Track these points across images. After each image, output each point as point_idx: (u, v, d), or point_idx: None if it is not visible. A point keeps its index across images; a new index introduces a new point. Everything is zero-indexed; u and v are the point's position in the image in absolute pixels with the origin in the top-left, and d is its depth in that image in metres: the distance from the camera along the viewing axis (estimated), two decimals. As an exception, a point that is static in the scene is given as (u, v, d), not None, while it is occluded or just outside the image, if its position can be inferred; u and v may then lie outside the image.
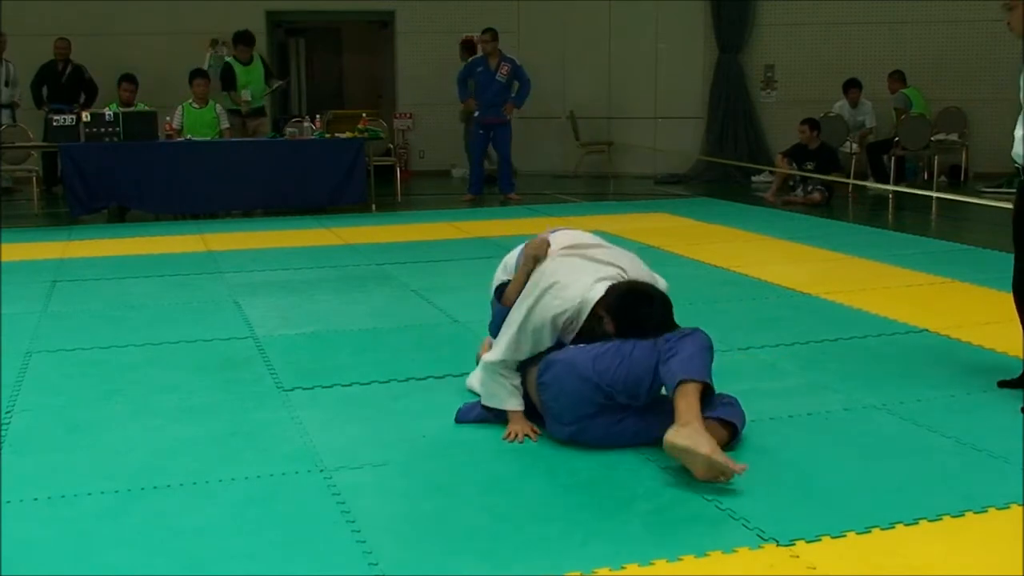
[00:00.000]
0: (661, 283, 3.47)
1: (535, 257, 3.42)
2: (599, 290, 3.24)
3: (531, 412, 3.35)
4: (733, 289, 5.72)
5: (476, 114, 10.52)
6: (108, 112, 9.32)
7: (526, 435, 3.28)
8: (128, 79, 10.59)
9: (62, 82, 11.06)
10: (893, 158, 10.97)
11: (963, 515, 2.69)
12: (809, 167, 9.83)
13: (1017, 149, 3.69)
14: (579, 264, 3.38)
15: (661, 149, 12.80)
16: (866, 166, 11.46)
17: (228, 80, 10.16)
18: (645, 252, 6.93)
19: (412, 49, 13.06)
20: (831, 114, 11.40)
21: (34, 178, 10.51)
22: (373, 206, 9.84)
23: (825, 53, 12.24)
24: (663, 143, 12.86)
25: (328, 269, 6.55)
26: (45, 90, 11.05)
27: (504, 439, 3.29)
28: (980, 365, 4.13)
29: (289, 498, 2.87)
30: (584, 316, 3.25)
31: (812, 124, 9.97)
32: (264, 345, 4.55)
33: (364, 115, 10.75)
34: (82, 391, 3.93)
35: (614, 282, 3.28)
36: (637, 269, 3.46)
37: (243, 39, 10.21)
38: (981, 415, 3.51)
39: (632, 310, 3.19)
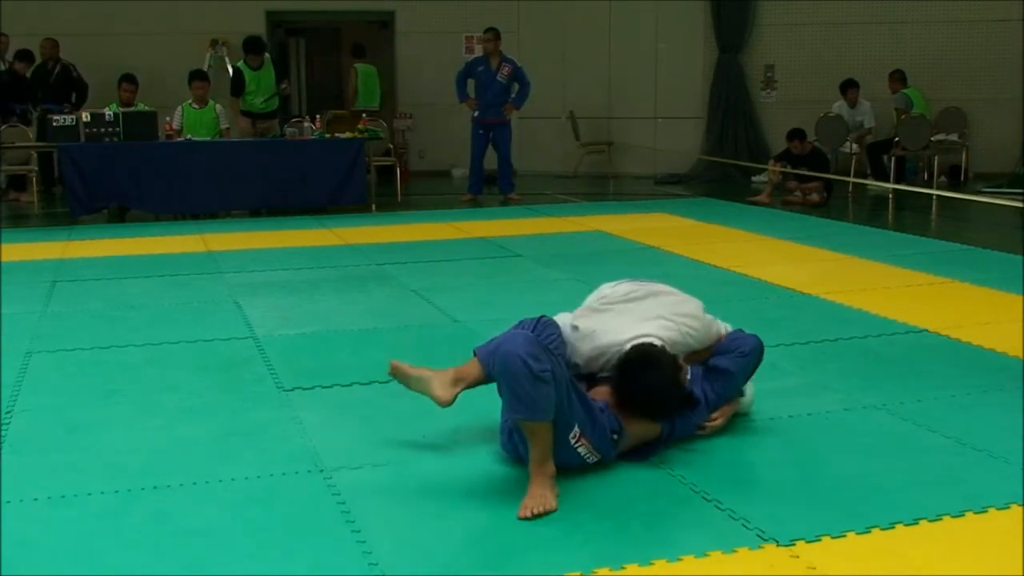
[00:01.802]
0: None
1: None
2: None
3: None
4: (733, 289, 5.71)
5: (476, 114, 10.52)
6: (108, 112, 9.32)
7: None
8: (128, 79, 10.57)
9: (51, 82, 11.04)
10: (893, 158, 10.97)
11: (963, 515, 2.69)
12: (803, 171, 9.83)
13: None
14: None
15: (661, 149, 12.80)
16: (866, 166, 11.46)
17: (237, 86, 10.08)
18: (645, 252, 6.96)
19: (412, 49, 13.06)
20: (831, 114, 11.40)
21: (34, 178, 10.51)
22: (373, 206, 9.84)
23: (825, 53, 12.24)
24: (663, 143, 12.86)
25: (328, 269, 6.55)
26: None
27: None
28: (980, 365, 4.13)
29: (289, 498, 2.87)
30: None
31: (799, 135, 9.94)
32: (264, 345, 4.55)
33: (364, 115, 10.75)
34: (82, 391, 3.93)
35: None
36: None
37: (253, 48, 10.04)
38: (981, 415, 3.51)
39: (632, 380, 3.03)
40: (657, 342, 3.14)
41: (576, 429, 2.88)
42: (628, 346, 3.12)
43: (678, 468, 3.03)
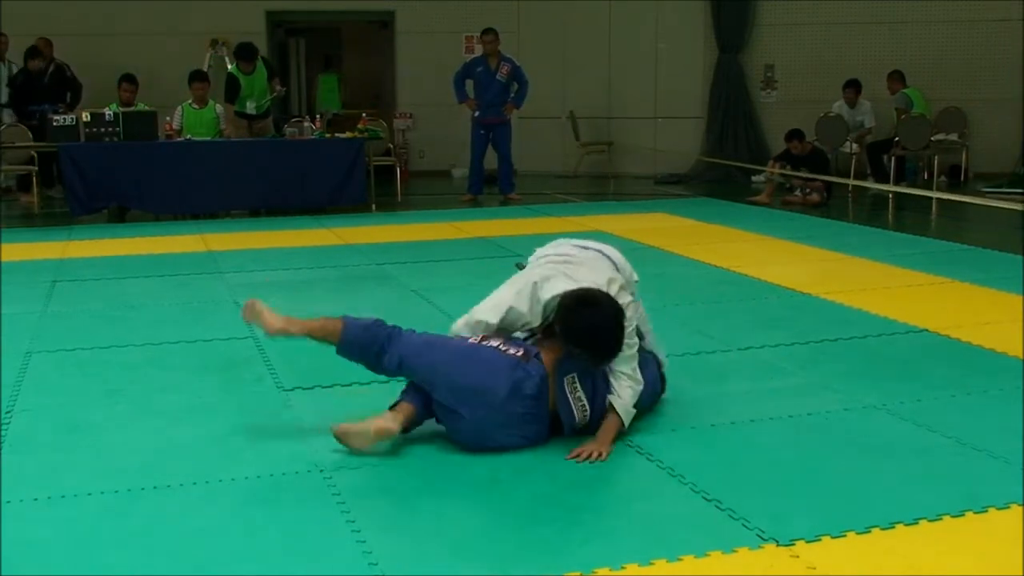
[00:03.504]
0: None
1: None
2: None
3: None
4: (733, 289, 5.71)
5: (476, 114, 10.52)
6: (108, 112, 9.32)
7: None
8: (128, 79, 10.57)
9: (44, 82, 11.03)
10: (893, 158, 10.97)
11: (963, 515, 2.69)
12: (803, 171, 9.82)
13: None
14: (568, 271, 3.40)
15: (661, 149, 12.80)
16: (866, 166, 11.46)
17: (232, 91, 10.05)
18: (645, 252, 6.95)
19: (412, 49, 13.06)
20: (831, 114, 11.40)
21: (34, 178, 10.50)
22: (373, 206, 9.84)
23: (825, 53, 12.24)
24: (663, 143, 12.86)
25: (328, 269, 6.55)
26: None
27: None
28: (980, 365, 4.13)
29: (289, 498, 2.87)
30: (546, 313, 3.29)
31: (797, 136, 9.90)
32: (264, 345, 4.54)
33: (364, 115, 10.76)
34: (82, 391, 3.93)
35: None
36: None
37: (245, 55, 10.01)
38: (981, 415, 3.51)
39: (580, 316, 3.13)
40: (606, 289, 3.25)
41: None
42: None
43: (678, 468, 3.03)
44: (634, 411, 3.26)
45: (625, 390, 3.23)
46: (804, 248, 7.14)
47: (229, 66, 10.95)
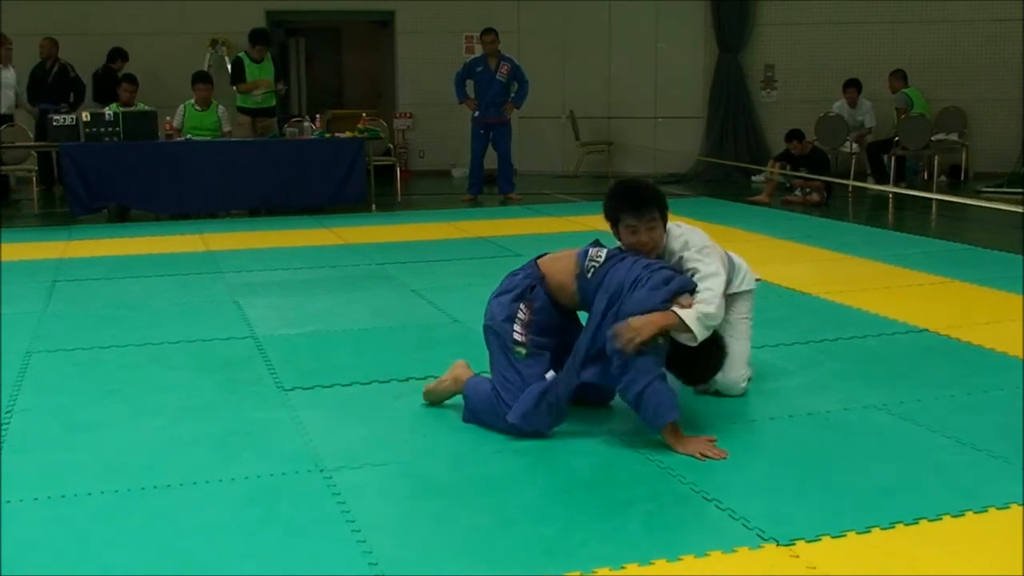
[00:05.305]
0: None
1: None
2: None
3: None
4: (733, 289, 5.70)
5: (476, 114, 10.53)
6: (108, 112, 9.33)
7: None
8: (128, 79, 10.57)
9: (48, 82, 11.06)
10: (893, 158, 10.97)
11: (963, 515, 2.69)
12: (803, 171, 9.81)
13: None
14: None
15: (661, 149, 12.81)
16: (866, 166, 11.46)
17: (238, 74, 10.06)
18: (645, 252, 6.94)
19: (412, 49, 13.07)
20: (831, 114, 11.40)
21: (34, 178, 10.51)
22: (373, 206, 9.84)
23: (825, 53, 12.25)
24: (663, 143, 12.86)
25: (328, 269, 6.55)
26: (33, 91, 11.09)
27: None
28: (980, 365, 4.13)
29: (289, 498, 2.87)
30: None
31: (797, 136, 9.88)
32: (264, 345, 4.55)
33: (364, 115, 10.76)
34: (82, 391, 3.93)
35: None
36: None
37: (260, 39, 10.02)
38: (981, 415, 3.51)
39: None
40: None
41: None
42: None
43: (678, 468, 3.03)
44: (702, 320, 3.17)
45: (699, 303, 3.20)
46: (804, 248, 7.14)
47: (229, 66, 10.95)
